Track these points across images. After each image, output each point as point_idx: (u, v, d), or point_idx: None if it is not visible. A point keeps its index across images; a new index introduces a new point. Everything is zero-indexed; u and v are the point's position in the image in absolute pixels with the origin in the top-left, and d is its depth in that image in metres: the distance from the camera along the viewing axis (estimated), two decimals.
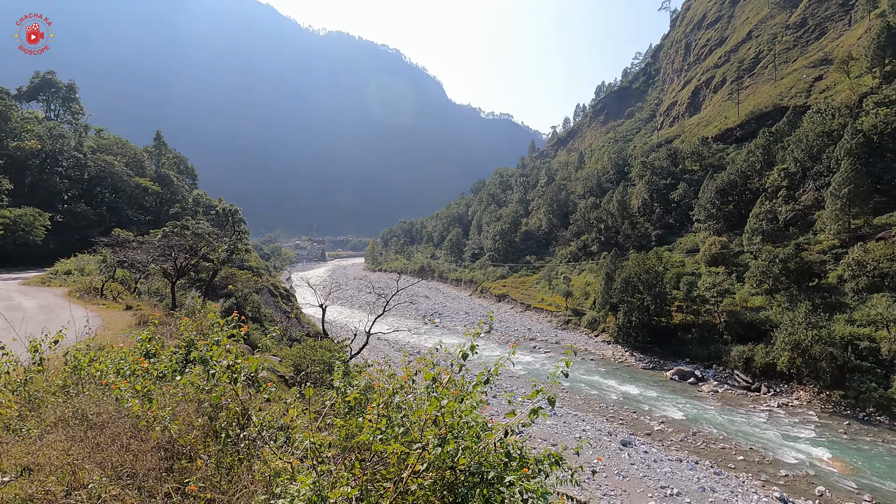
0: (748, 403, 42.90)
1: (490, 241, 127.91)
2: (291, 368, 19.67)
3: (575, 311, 77.56)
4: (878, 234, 54.72)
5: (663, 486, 27.90)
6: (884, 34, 77.32)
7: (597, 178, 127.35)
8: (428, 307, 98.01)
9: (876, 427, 36.89)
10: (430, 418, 3.91)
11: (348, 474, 4.04)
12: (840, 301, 49.42)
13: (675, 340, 57.31)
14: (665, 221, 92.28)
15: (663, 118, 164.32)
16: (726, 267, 64.95)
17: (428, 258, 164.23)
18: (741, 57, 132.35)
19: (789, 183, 71.31)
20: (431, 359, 4.79)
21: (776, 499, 27.26)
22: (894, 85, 74.54)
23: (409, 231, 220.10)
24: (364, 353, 44.67)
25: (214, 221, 71.33)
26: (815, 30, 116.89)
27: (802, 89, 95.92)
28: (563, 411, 40.94)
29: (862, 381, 40.16)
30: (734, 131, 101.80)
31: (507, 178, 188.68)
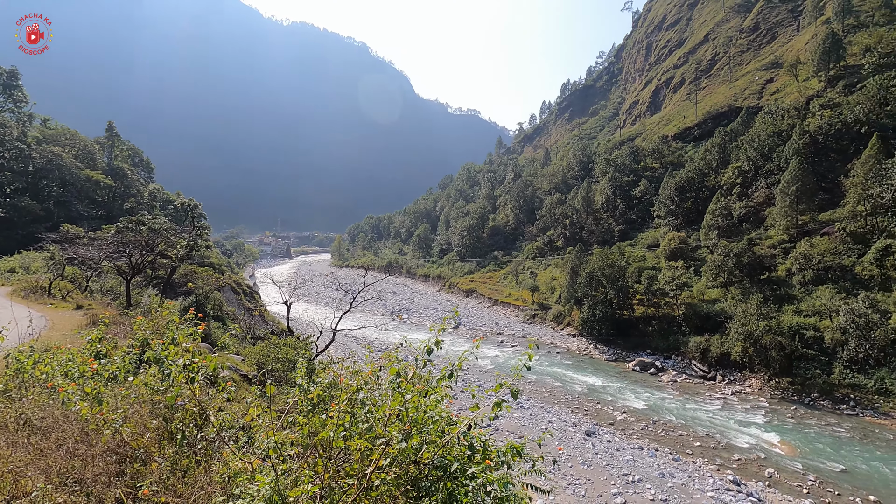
0: (704, 392, 44.77)
1: (458, 237, 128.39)
2: (255, 367, 19.19)
3: (541, 305, 78.87)
4: (823, 230, 57.98)
5: (625, 473, 28.80)
6: (828, 40, 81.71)
7: (562, 174, 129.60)
8: (396, 303, 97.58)
9: (819, 411, 39.20)
10: (394, 413, 3.88)
11: (311, 472, 3.97)
12: (788, 293, 52.14)
13: (636, 332, 59.11)
14: (627, 217, 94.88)
15: (626, 116, 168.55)
16: (685, 261, 67.45)
17: (396, 254, 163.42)
18: (699, 58, 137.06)
19: (743, 180, 74.54)
20: (396, 354, 4.75)
21: (730, 482, 28.59)
22: (838, 88, 78.96)
23: (376, 227, 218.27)
24: (331, 350, 44.09)
25: (173, 217, 68.69)
26: (767, 34, 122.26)
27: (755, 91, 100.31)
28: (529, 404, 41.61)
29: (807, 368, 42.57)
30: (692, 130, 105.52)
31: (474, 174, 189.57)
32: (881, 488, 28.25)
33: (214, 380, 7.68)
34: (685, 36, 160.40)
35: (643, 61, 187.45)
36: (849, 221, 54.79)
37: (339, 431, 4.10)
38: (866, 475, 29.73)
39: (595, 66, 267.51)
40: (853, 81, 77.34)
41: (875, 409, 38.11)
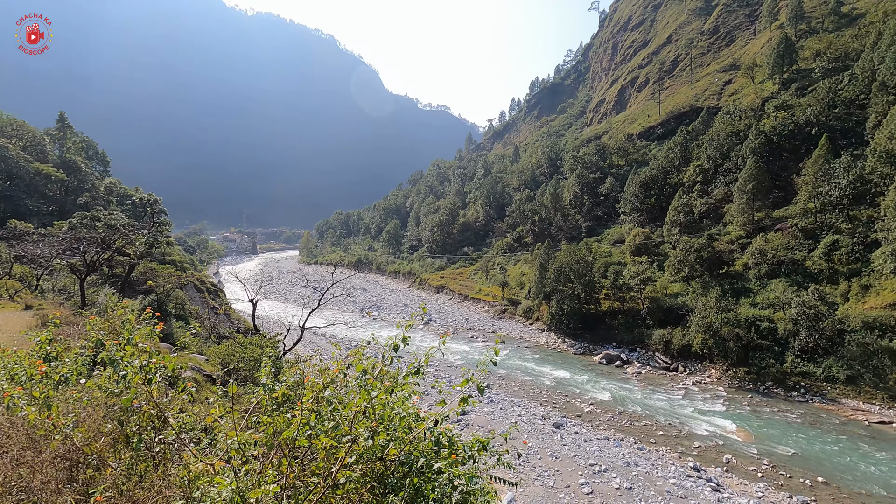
0: (667, 383, 46.31)
1: (428, 233, 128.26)
2: (219, 367, 18.67)
3: (511, 300, 79.74)
4: (776, 226, 60.72)
5: (592, 463, 29.52)
6: (782, 45, 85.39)
7: (531, 171, 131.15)
8: (366, 300, 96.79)
9: (773, 398, 41.17)
10: (360, 411, 3.83)
11: (274, 472, 3.88)
12: (745, 286, 54.43)
13: (603, 326, 60.55)
14: (594, 214, 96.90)
15: (593, 115, 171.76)
16: (649, 256, 69.44)
17: (365, 250, 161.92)
18: (662, 59, 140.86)
19: (703, 178, 77.23)
20: (363, 351, 4.69)
21: (690, 468, 29.71)
22: (791, 91, 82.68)
23: (345, 223, 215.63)
24: (299, 348, 43.38)
25: (131, 212, 65.94)
26: (726, 37, 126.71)
27: (715, 92, 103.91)
28: (499, 398, 42.07)
29: (762, 358, 44.60)
30: (656, 129, 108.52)
31: (444, 170, 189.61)
32: (829, 469, 29.93)
33: (175, 381, 7.42)
34: (649, 37, 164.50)
35: (609, 61, 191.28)
36: (800, 218, 57.54)
37: (305, 430, 4.03)
38: (815, 458, 31.44)
39: (563, 64, 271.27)
40: (805, 84, 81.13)
41: (823, 395, 40.29)
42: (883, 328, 41.12)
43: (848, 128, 65.75)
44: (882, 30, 73.26)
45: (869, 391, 38.72)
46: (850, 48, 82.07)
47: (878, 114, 60.33)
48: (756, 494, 27.11)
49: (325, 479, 3.64)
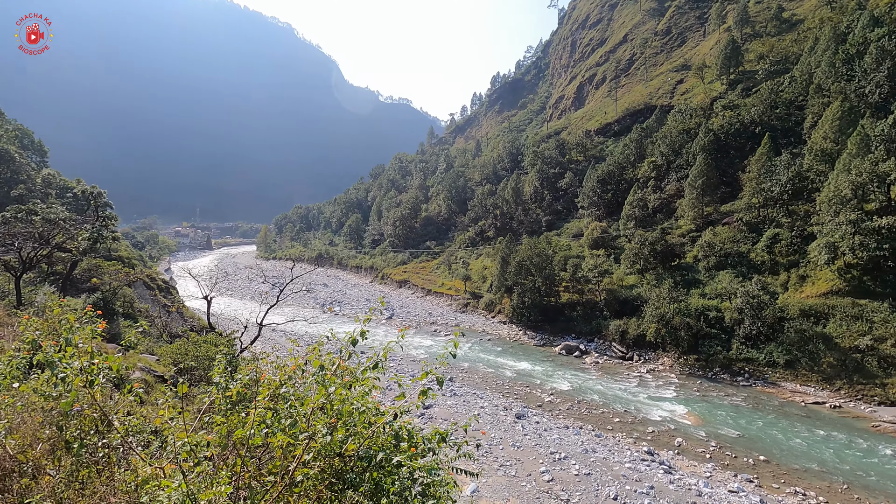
0: (623, 371, 48.01)
1: (390, 227, 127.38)
2: (171, 367, 17.91)
3: (473, 294, 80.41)
4: (724, 220, 63.85)
5: (552, 451, 30.27)
6: (729, 47, 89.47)
7: (493, 165, 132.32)
8: (327, 295, 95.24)
9: (720, 384, 43.46)
10: (318, 407, 3.75)
11: (228, 473, 3.74)
12: (695, 278, 57.03)
13: (562, 318, 62.02)
14: (554, 208, 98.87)
15: (552, 110, 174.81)
16: (606, 249, 71.60)
17: (326, 245, 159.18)
18: (618, 57, 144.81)
19: (657, 174, 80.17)
20: (322, 347, 4.58)
21: (645, 452, 30.98)
22: (737, 91, 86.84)
23: (305, 217, 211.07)
24: (257, 345, 42.22)
25: (73, 206, 62.08)
26: (678, 38, 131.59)
27: (668, 90, 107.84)
28: (462, 391, 42.42)
29: (711, 345, 46.93)
30: (612, 126, 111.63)
31: (406, 164, 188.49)
32: (769, 448, 31.91)
33: (121, 382, 7.04)
34: (606, 35, 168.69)
35: (568, 57, 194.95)
36: (745, 212, 60.71)
37: (261, 428, 3.91)
38: (758, 438, 33.44)
39: (524, 60, 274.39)
40: (750, 85, 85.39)
41: (765, 379, 42.84)
42: (817, 315, 44.09)
43: (788, 127, 69.74)
44: (818, 35, 77.99)
45: (805, 374, 41.46)
46: (790, 52, 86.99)
47: (815, 115, 64.32)
48: (704, 474, 28.59)
49: (282, 477, 3.54)
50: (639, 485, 26.26)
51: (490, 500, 24.45)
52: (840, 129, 56.19)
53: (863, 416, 36.03)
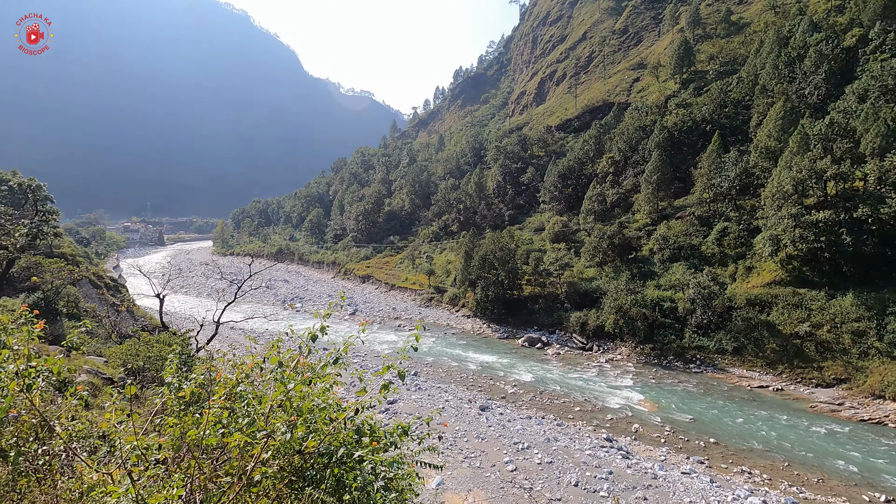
0: (584, 361, 49.37)
1: (353, 222, 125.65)
2: (121, 368, 17.06)
3: (437, 288, 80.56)
4: (677, 214, 66.44)
5: (516, 441, 30.83)
6: (682, 47, 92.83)
7: (456, 160, 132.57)
8: (288, 292, 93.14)
9: (674, 371, 45.40)
10: (277, 404, 3.63)
11: (182, 476, 3.58)
12: (651, 270, 59.16)
13: (525, 311, 63.07)
14: (517, 202, 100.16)
15: (514, 106, 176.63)
16: (566, 243, 73.20)
17: (286, 240, 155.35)
18: (578, 55, 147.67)
19: (615, 170, 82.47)
20: (281, 343, 4.45)
21: (604, 439, 32.03)
22: (689, 90, 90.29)
23: (264, 211, 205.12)
24: (214, 344, 40.82)
25: (8, 199, 57.90)
26: (634, 37, 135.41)
27: (625, 88, 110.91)
28: (427, 385, 42.51)
29: (665, 334, 48.90)
30: (573, 122, 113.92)
31: (369, 158, 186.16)
32: (719, 431, 33.63)
33: (64, 386, 6.68)
34: (566, 32, 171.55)
35: (530, 54, 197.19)
36: (697, 207, 63.38)
37: (217, 429, 3.76)
38: (708, 421, 35.18)
39: (486, 54, 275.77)
40: (701, 85, 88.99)
41: (715, 365, 45.06)
42: (762, 304, 46.68)
43: (736, 126, 73.15)
44: (763, 39, 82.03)
45: (751, 360, 43.86)
46: (737, 54, 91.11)
47: (760, 114, 67.72)
48: (659, 458, 29.84)
49: (240, 478, 3.42)
50: (598, 470, 27.13)
51: (455, 492, 24.67)
52: (783, 128, 59.42)
53: (802, 398, 38.48)
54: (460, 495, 24.37)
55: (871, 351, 39.01)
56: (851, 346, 39.97)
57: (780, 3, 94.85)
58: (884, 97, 53.56)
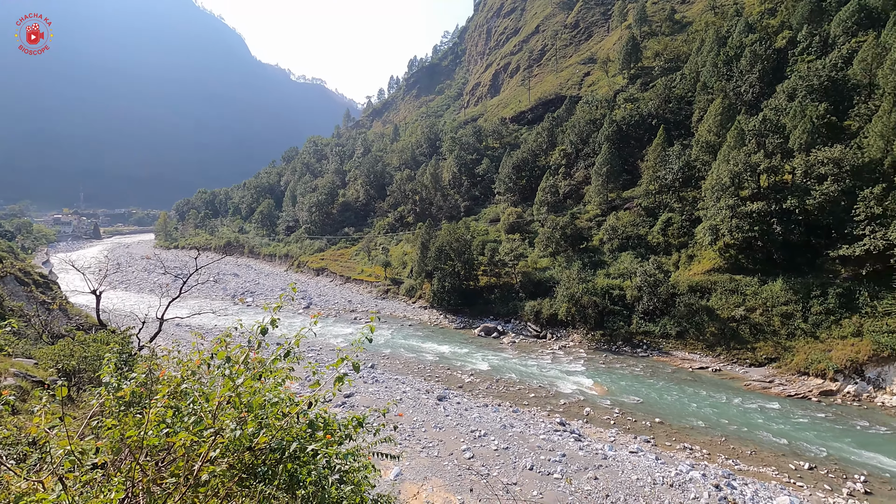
0: (538, 349, 50.66)
1: (306, 213, 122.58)
2: (53, 370, 15.92)
3: (394, 280, 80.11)
4: (626, 205, 69.01)
5: (473, 430, 31.31)
6: (630, 44, 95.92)
7: (411, 151, 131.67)
8: (238, 286, 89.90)
9: (623, 356, 47.42)
10: (225, 401, 3.48)
11: (122, 479, 3.37)
12: (601, 259, 61.27)
13: (481, 301, 63.86)
14: (472, 194, 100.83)
15: (469, 97, 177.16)
16: (521, 234, 74.53)
17: (236, 232, 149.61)
18: (531, 48, 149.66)
19: (567, 162, 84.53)
20: (229, 338, 4.26)
21: (557, 423, 33.08)
22: (636, 85, 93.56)
23: (211, 202, 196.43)
24: (158, 342, 38.86)
25: None
26: (585, 32, 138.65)
27: (576, 82, 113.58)
28: (384, 377, 42.35)
29: (614, 321, 50.92)
30: (526, 114, 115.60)
31: (321, 148, 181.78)
32: (663, 411, 35.50)
33: None
34: (520, 25, 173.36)
35: (484, 45, 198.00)
36: (644, 198, 66.04)
37: (161, 428, 3.56)
38: (654, 402, 37.04)
39: (440, 45, 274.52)
40: (647, 80, 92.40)
41: (660, 349, 47.41)
42: (702, 290, 49.43)
43: (679, 120, 76.53)
44: (704, 38, 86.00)
45: (693, 343, 46.45)
46: (681, 51, 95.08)
47: (701, 110, 71.14)
48: (609, 439, 31.17)
49: (186, 478, 3.25)
50: (552, 454, 28.02)
51: (413, 482, 24.80)
52: (721, 123, 62.72)
53: (737, 377, 41.21)
54: (418, 484, 24.53)
55: (797, 332, 42.21)
56: (781, 328, 43.10)
57: (719, 4, 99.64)
58: (810, 96, 57.54)
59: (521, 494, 23.96)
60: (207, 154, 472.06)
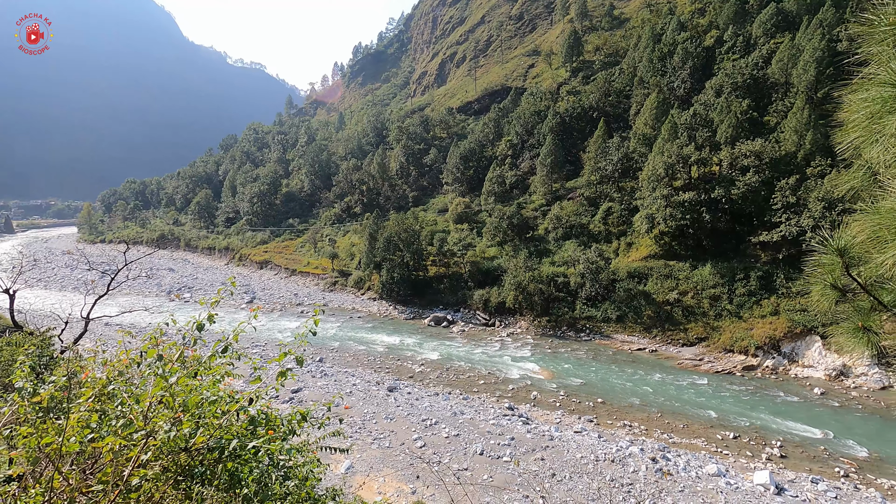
0: (487, 337, 51.59)
1: (247, 204, 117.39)
2: None
3: (342, 272, 78.65)
4: (569, 195, 71.28)
5: (424, 419, 31.52)
6: (572, 37, 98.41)
7: (358, 139, 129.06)
8: (174, 281, 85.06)
9: (567, 340, 49.23)
10: (157, 401, 3.26)
11: (42, 491, 3.09)
12: (546, 248, 63.07)
13: (431, 291, 64.07)
14: (420, 184, 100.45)
15: (416, 86, 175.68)
16: (469, 224, 75.25)
17: (170, 224, 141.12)
18: (477, 38, 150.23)
19: (513, 152, 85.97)
20: (160, 336, 3.99)
21: (506, 408, 33.94)
22: (578, 79, 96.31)
23: (141, 193, 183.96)
24: (85, 342, 36.16)
25: None
26: (529, 24, 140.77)
27: (521, 74, 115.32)
28: (333, 370, 41.67)
29: (559, 307, 52.70)
30: (473, 104, 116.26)
31: (263, 135, 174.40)
32: (605, 391, 37.28)
33: None
34: (465, 14, 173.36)
35: (430, 34, 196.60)
36: (586, 188, 68.43)
37: (86, 434, 3.29)
38: (597, 384, 38.81)
39: (386, 31, 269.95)
40: (588, 74, 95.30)
41: (602, 333, 49.62)
42: (640, 276, 52.11)
43: (618, 113, 79.71)
44: (640, 34, 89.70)
45: (632, 326, 48.96)
46: (619, 46, 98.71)
47: (638, 104, 74.41)
48: (555, 421, 32.39)
49: (116, 484, 3.03)
50: (501, 438, 28.74)
51: (365, 474, 24.68)
52: (656, 117, 65.94)
53: (671, 357, 43.93)
54: (370, 476, 24.44)
55: (723, 313, 45.51)
56: (709, 310, 46.28)
57: (654, 2, 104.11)
58: (734, 93, 61.60)
59: (472, 479, 24.45)
60: (136, 141, 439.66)
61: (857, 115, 2.33)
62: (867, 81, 2.25)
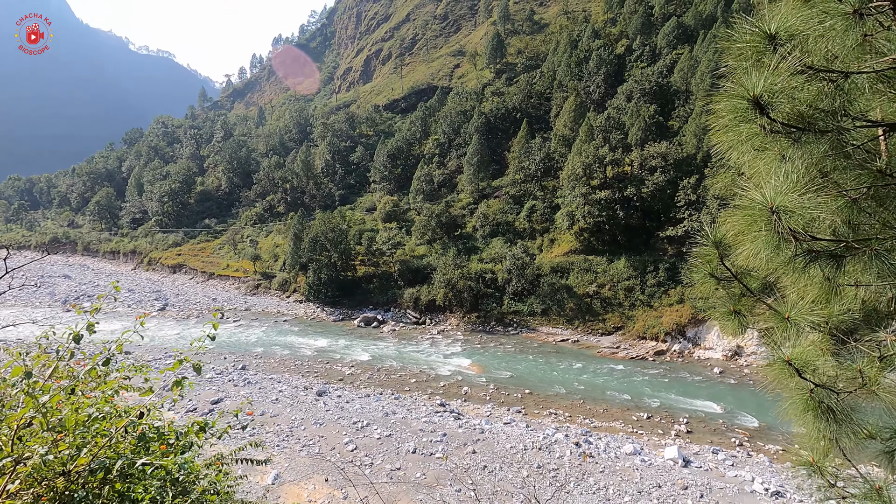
0: (417, 335, 51.60)
1: (157, 204, 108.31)
2: None
3: (265, 274, 75.04)
4: (495, 194, 73.08)
5: (355, 421, 30.89)
6: (495, 40, 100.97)
7: (280, 136, 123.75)
8: (70, 289, 76.68)
9: (496, 335, 50.53)
10: (25, 423, 2.84)
11: None
12: (474, 245, 64.26)
13: (360, 291, 62.94)
14: (347, 182, 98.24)
15: (340, 82, 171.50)
16: (398, 222, 74.81)
17: (64, 226, 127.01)
18: (402, 36, 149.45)
19: (440, 151, 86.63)
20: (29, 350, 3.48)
21: (438, 405, 34.16)
22: (502, 80, 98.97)
23: (28, 191, 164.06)
24: None
25: None
26: (454, 24, 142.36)
27: (447, 73, 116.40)
28: (257, 378, 39.63)
29: (488, 303, 53.93)
30: (399, 102, 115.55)
31: (173, 130, 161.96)
32: (532, 382, 38.72)
33: None
34: (390, 11, 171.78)
35: (354, 29, 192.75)
36: (511, 187, 70.54)
37: None
38: (524, 376, 40.19)
39: (308, 24, 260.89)
40: (511, 76, 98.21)
41: (528, 326, 51.45)
42: (562, 270, 54.67)
43: (540, 115, 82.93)
44: (559, 40, 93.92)
45: (555, 319, 51.23)
46: (540, 50, 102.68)
47: (558, 106, 77.88)
48: (486, 414, 33.12)
49: None
50: (433, 435, 28.88)
51: (294, 483, 23.72)
52: (575, 119, 69.40)
53: (592, 346, 46.53)
54: (299, 485, 23.54)
55: (637, 303, 48.94)
56: (624, 300, 49.56)
57: (571, 10, 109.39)
58: (643, 98, 66.32)
59: (405, 478, 24.35)
60: (19, 133, 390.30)
61: (720, 122, 2.57)
62: (726, 93, 2.48)
